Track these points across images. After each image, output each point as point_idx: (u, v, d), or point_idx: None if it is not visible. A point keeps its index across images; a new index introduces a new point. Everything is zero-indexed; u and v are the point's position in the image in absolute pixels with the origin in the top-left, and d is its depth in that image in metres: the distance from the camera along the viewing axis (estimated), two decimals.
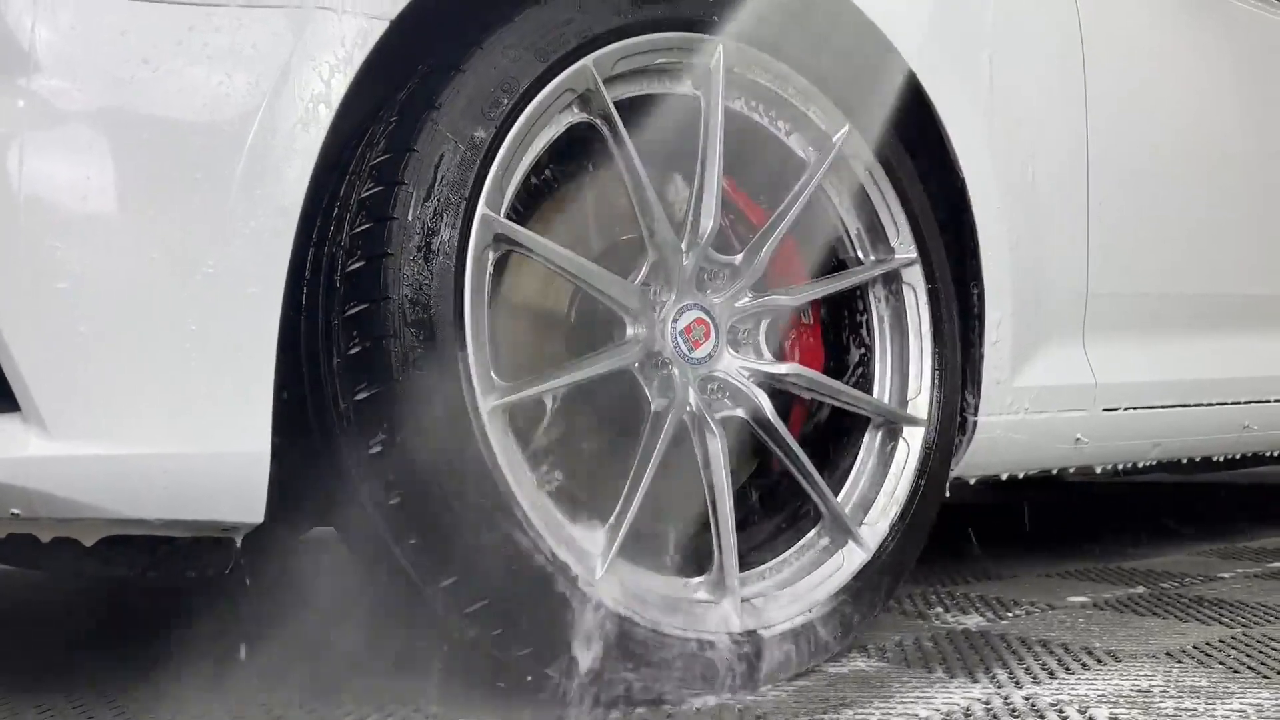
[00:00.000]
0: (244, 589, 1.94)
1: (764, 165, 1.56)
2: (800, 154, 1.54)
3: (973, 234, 1.66)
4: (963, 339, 1.67)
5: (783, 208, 1.50)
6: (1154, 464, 2.10)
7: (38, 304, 1.04)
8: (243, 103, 1.11)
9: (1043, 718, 1.25)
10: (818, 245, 1.62)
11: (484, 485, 1.20)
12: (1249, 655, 1.50)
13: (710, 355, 1.44)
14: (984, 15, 1.73)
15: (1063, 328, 1.83)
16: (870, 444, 1.60)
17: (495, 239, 1.27)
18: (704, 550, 1.42)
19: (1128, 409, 1.91)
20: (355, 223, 1.21)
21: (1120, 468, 2.04)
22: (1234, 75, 2.19)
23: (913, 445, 1.58)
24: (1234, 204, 2.17)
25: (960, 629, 1.72)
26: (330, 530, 1.50)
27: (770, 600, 1.44)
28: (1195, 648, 1.55)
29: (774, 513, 1.58)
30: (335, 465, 1.24)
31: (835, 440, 1.62)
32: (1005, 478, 1.87)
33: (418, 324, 1.18)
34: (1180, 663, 1.47)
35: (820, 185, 1.54)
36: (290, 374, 1.21)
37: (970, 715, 1.27)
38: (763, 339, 1.53)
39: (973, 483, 1.82)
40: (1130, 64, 1.97)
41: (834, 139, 1.53)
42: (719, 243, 1.47)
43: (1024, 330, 1.73)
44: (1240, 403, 2.13)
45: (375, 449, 1.18)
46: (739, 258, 1.49)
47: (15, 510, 1.06)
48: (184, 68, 1.09)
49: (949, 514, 1.74)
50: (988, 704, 1.30)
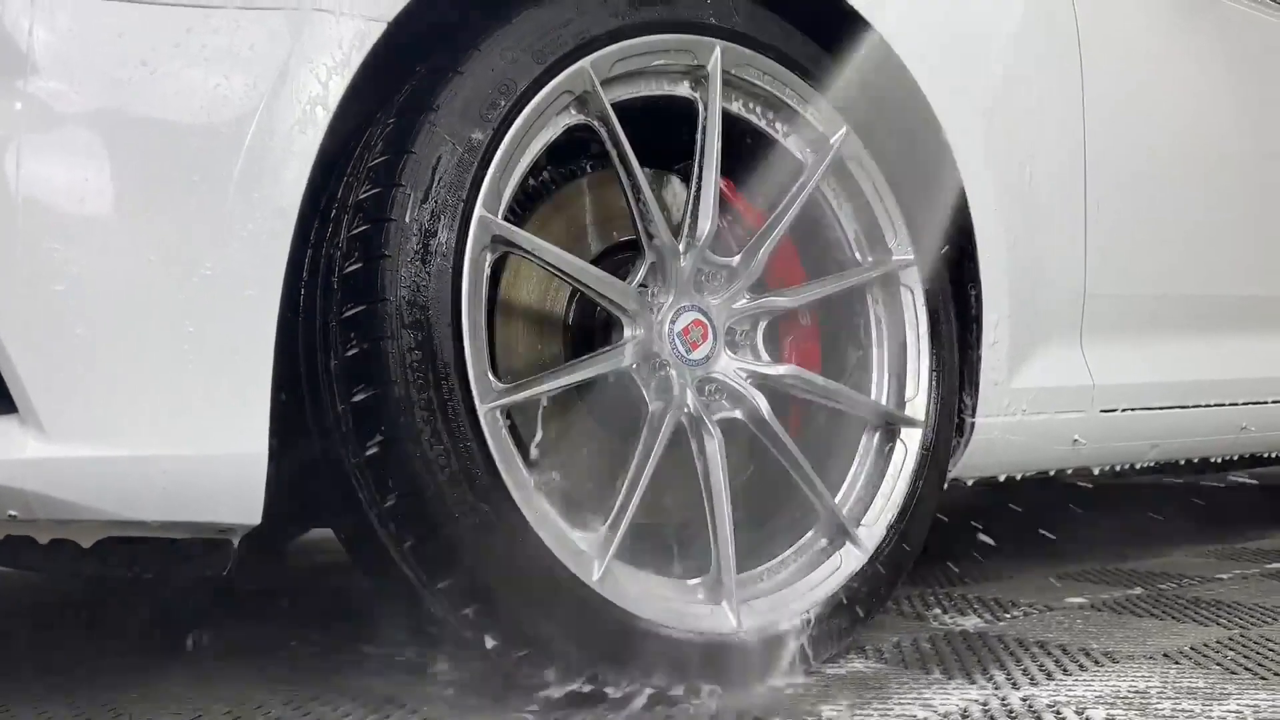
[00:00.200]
0: (241, 590, 1.93)
1: (761, 167, 1.57)
2: (798, 156, 1.54)
3: (971, 236, 1.66)
4: (960, 340, 1.67)
5: (780, 209, 1.50)
6: (1152, 465, 2.10)
7: (35, 305, 1.04)
8: (240, 105, 1.11)
9: (1040, 719, 1.25)
10: (815, 247, 1.62)
11: (481, 486, 1.20)
12: (1246, 656, 1.50)
13: (708, 357, 1.44)
14: (982, 17, 1.73)
15: (1060, 329, 1.83)
16: (868, 445, 1.60)
17: (493, 241, 1.27)
18: (702, 551, 1.42)
19: (1125, 410, 1.91)
20: (353, 224, 1.21)
21: (1118, 469, 2.04)
22: (1231, 76, 2.19)
23: (910, 446, 1.58)
24: (1231, 205, 2.17)
25: (958, 630, 1.72)
26: (328, 532, 1.50)
27: (768, 601, 1.44)
28: (1193, 649, 1.55)
29: (772, 514, 1.58)
30: (333, 467, 1.24)
31: (833, 441, 1.62)
32: (1003, 479, 1.87)
33: (415, 325, 1.18)
34: (1177, 664, 1.47)
35: (818, 187, 1.54)
36: (288, 375, 1.21)
37: (968, 716, 1.27)
38: (760, 340, 1.53)
39: (970, 484, 1.83)
40: (1127, 65, 1.97)
41: (831, 141, 1.53)
42: (717, 244, 1.47)
43: (1021, 331, 1.73)
44: (1238, 404, 2.13)
45: (372, 450, 1.18)
46: (737, 259, 1.49)
47: (13, 512, 1.06)
48: (182, 70, 1.09)
49: (947, 515, 1.74)
50: (985, 705, 1.30)
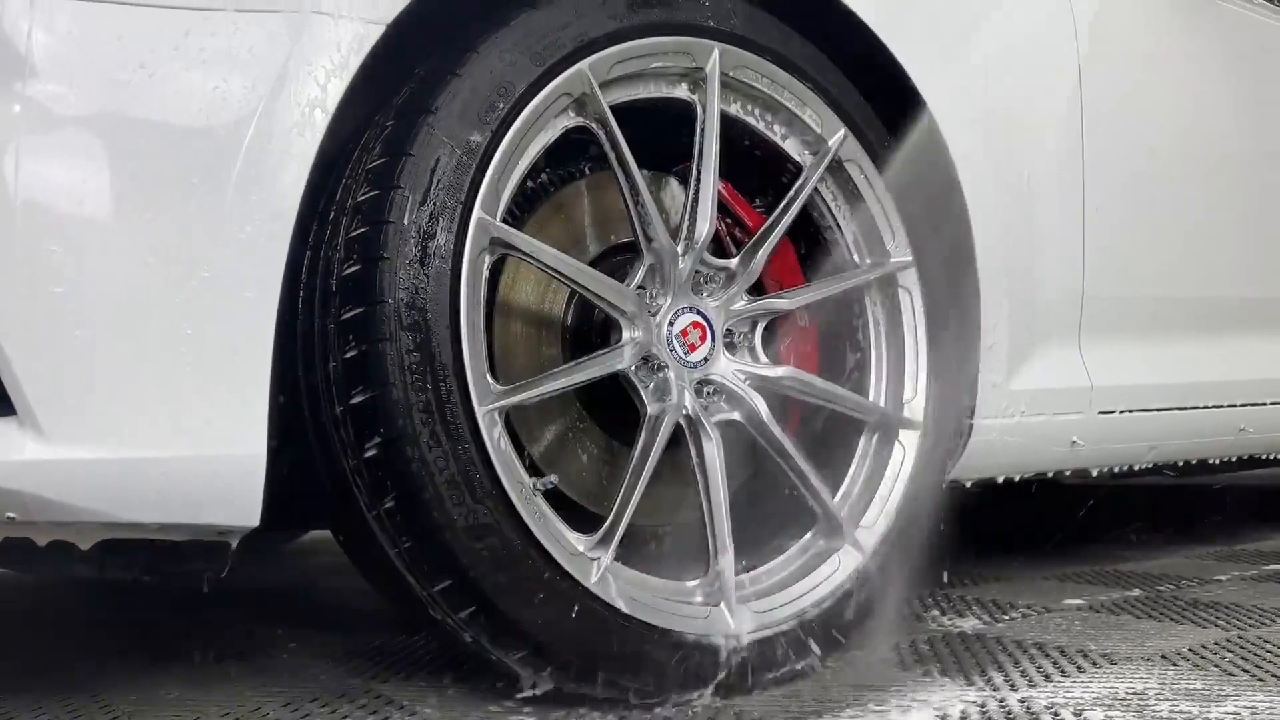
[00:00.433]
0: (240, 591, 1.93)
1: (760, 169, 1.57)
2: (796, 158, 1.54)
3: (968, 237, 1.66)
4: (958, 342, 1.67)
5: (778, 211, 1.50)
6: (1150, 466, 2.10)
7: (34, 307, 1.04)
8: (239, 107, 1.11)
9: None
10: (814, 248, 1.62)
11: (479, 488, 1.20)
12: (1244, 658, 1.50)
13: (706, 358, 1.44)
14: (980, 19, 1.73)
15: (1059, 331, 1.83)
16: (866, 447, 1.60)
17: (491, 243, 1.27)
18: (700, 552, 1.42)
19: (1124, 412, 1.91)
20: (351, 227, 1.21)
21: (1116, 470, 2.04)
22: (1229, 78, 2.19)
23: (908, 448, 1.58)
24: (1230, 206, 2.17)
25: (956, 631, 1.72)
26: (326, 533, 1.50)
27: (766, 602, 1.44)
28: (1191, 650, 1.55)
29: (770, 515, 1.58)
30: (331, 469, 1.24)
31: (831, 443, 1.62)
32: (1001, 480, 1.87)
33: (413, 327, 1.18)
34: (1175, 665, 1.47)
35: (816, 189, 1.54)
36: (286, 377, 1.21)
37: (966, 718, 1.27)
38: (759, 342, 1.53)
39: (969, 485, 1.83)
40: (1125, 67, 1.97)
41: (830, 143, 1.53)
42: (715, 246, 1.47)
43: (1020, 333, 1.73)
44: (1236, 405, 2.13)
45: (371, 452, 1.18)
46: (735, 261, 1.49)
47: (11, 514, 1.07)
48: (180, 72, 1.09)
49: (946, 516, 1.74)
50: (983, 707, 1.31)
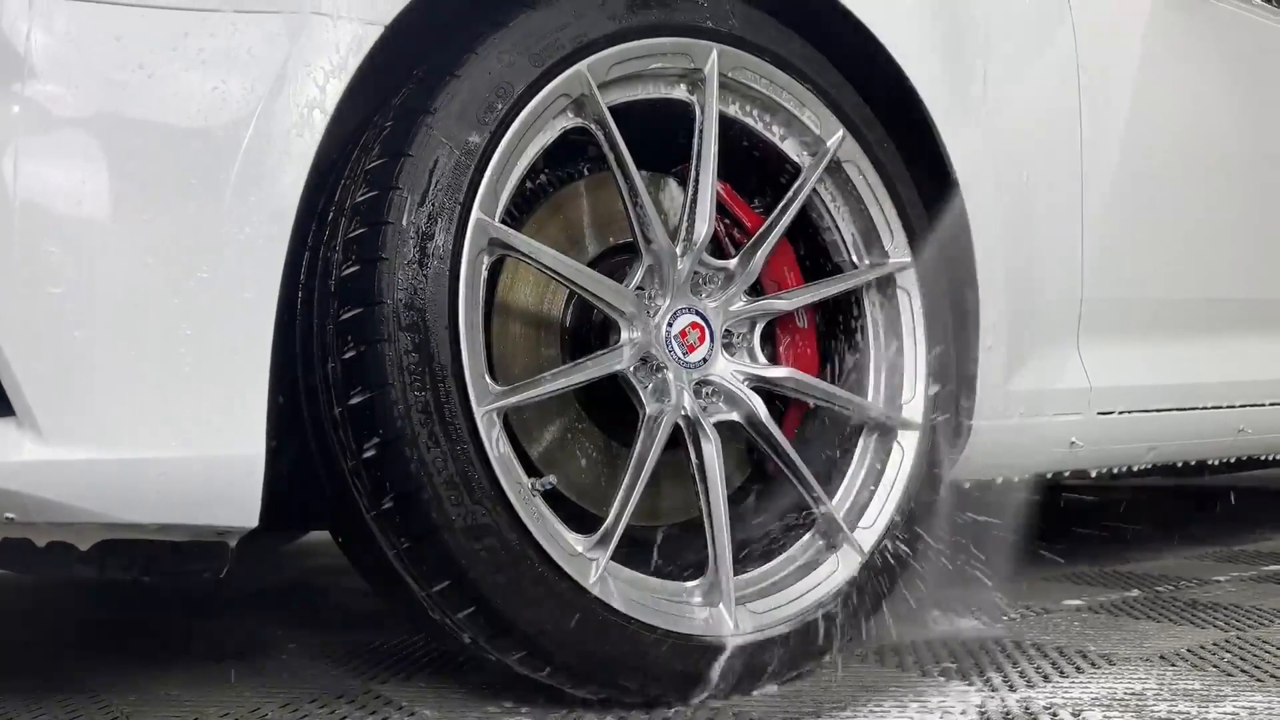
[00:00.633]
0: (239, 592, 1.93)
1: (758, 170, 1.57)
2: (794, 158, 1.54)
3: (967, 238, 1.66)
4: (957, 343, 1.67)
5: (777, 212, 1.50)
6: (1149, 467, 2.10)
7: (33, 308, 1.04)
8: (238, 108, 1.11)
9: None
10: (813, 249, 1.62)
11: (478, 489, 1.20)
12: (1243, 658, 1.50)
13: (705, 359, 1.44)
14: (979, 21, 1.73)
15: (1057, 332, 1.83)
16: (865, 448, 1.60)
17: (490, 244, 1.27)
18: (699, 553, 1.42)
19: (1123, 413, 1.91)
20: (350, 227, 1.21)
21: (1115, 471, 2.04)
22: (1228, 78, 2.20)
23: (907, 449, 1.58)
24: (1229, 207, 2.17)
25: (955, 632, 1.72)
26: (325, 534, 1.50)
27: (765, 603, 1.44)
28: (1189, 651, 1.55)
29: (769, 516, 1.58)
30: (330, 469, 1.24)
31: (830, 444, 1.62)
32: (1000, 481, 1.87)
33: (412, 328, 1.19)
34: (1174, 666, 1.47)
35: (815, 190, 1.55)
36: (285, 378, 1.21)
37: (965, 718, 1.27)
38: (757, 343, 1.53)
39: (967, 486, 1.83)
40: (1124, 68, 1.97)
41: (828, 144, 1.53)
42: (714, 247, 1.47)
43: (1018, 334, 1.73)
44: (1235, 406, 2.13)
45: (369, 453, 1.18)
46: (734, 262, 1.49)
47: (10, 515, 1.07)
48: (179, 73, 1.10)
49: (944, 516, 1.74)
50: (982, 707, 1.31)
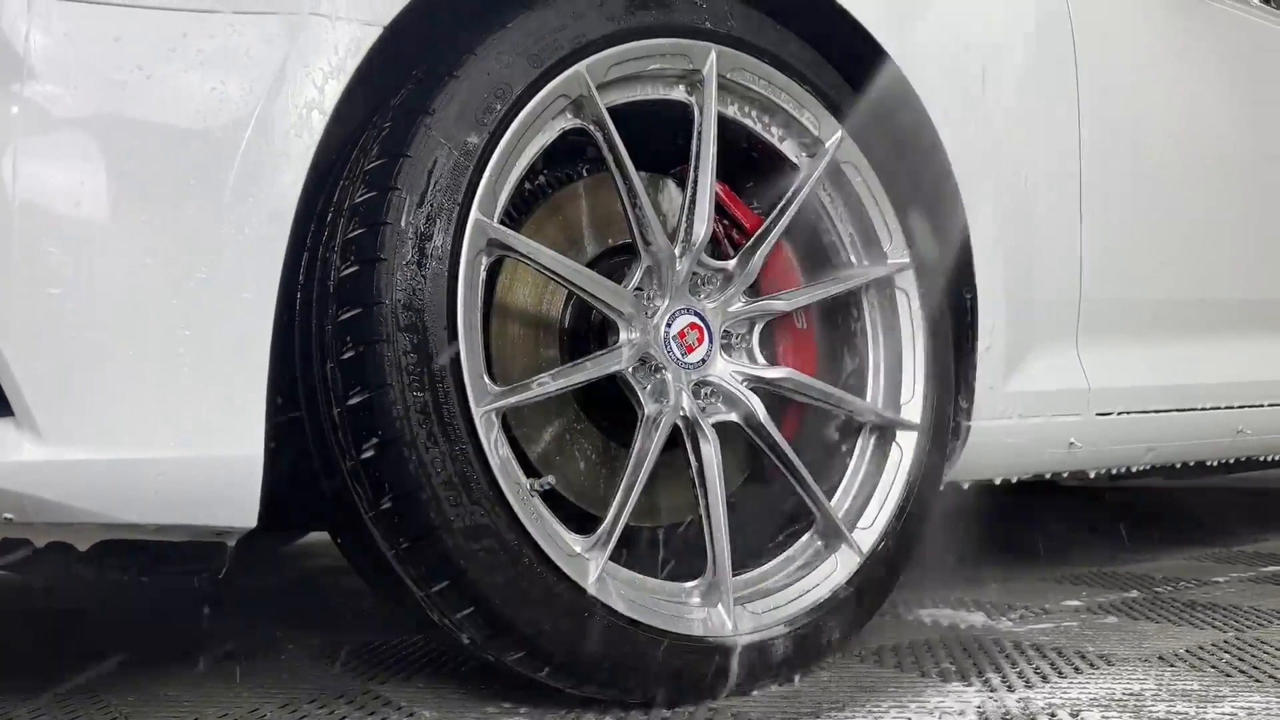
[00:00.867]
0: (237, 592, 1.94)
1: (757, 171, 1.57)
2: (793, 159, 1.55)
3: (966, 239, 1.66)
4: (956, 344, 1.67)
5: (776, 213, 1.50)
6: (1148, 468, 2.11)
7: (31, 308, 1.04)
8: (236, 109, 1.11)
9: None
10: (811, 250, 1.62)
11: (476, 489, 1.20)
12: (1241, 659, 1.50)
13: (703, 360, 1.45)
14: (978, 23, 1.73)
15: (1056, 332, 1.83)
16: (864, 448, 1.60)
17: (488, 244, 1.28)
18: (698, 554, 1.42)
19: (1121, 413, 1.92)
20: (349, 228, 1.21)
21: (1114, 472, 2.05)
22: (1227, 79, 2.20)
23: (906, 450, 1.58)
24: (1228, 207, 2.17)
25: (954, 632, 1.72)
26: (324, 535, 1.50)
27: (764, 604, 1.44)
28: (1188, 651, 1.55)
29: (768, 517, 1.58)
30: (329, 470, 1.24)
31: (829, 444, 1.62)
32: (999, 482, 1.87)
33: (410, 329, 1.19)
34: (1173, 666, 1.47)
35: (814, 190, 1.55)
36: (284, 378, 1.21)
37: (963, 718, 1.27)
38: (756, 344, 1.53)
39: (966, 487, 1.83)
40: (1123, 69, 1.97)
41: (827, 145, 1.53)
42: (712, 248, 1.47)
43: (1017, 335, 1.74)
44: (1234, 407, 2.13)
45: (368, 453, 1.18)
46: (732, 263, 1.49)
47: (9, 515, 1.07)
48: (178, 74, 1.10)
49: (943, 517, 1.74)
50: (981, 708, 1.31)
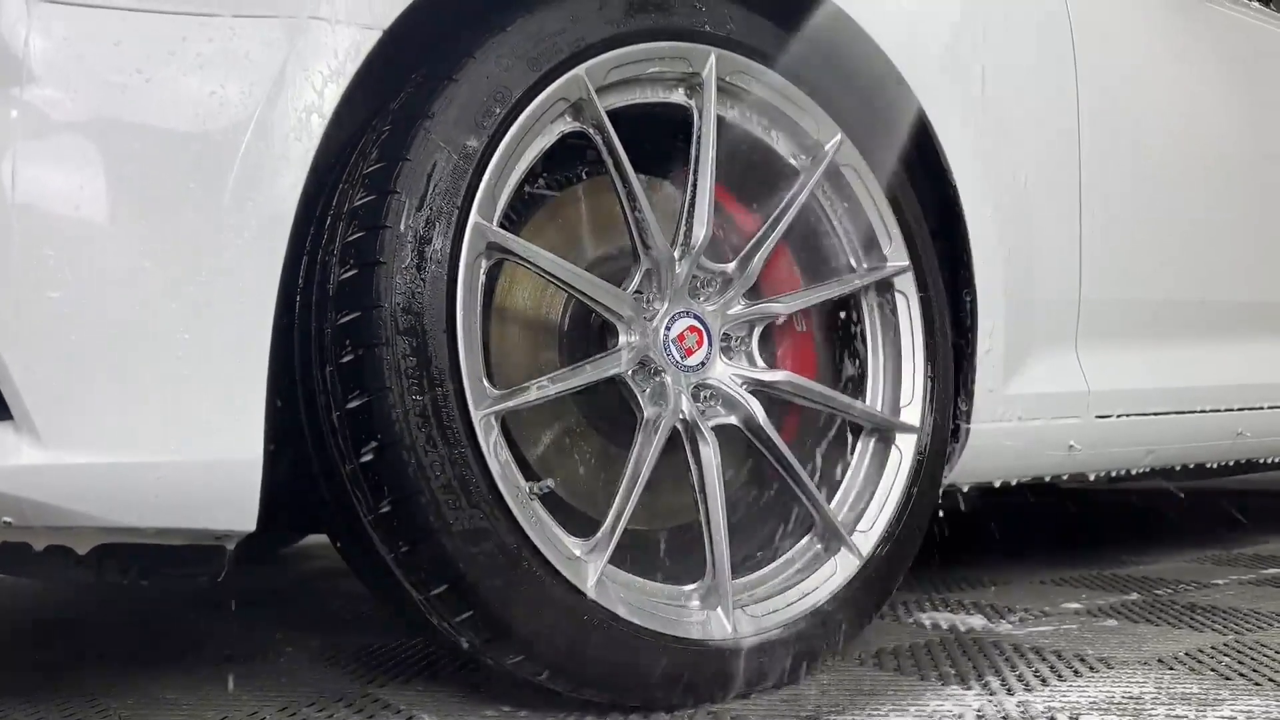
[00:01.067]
0: (237, 595, 1.94)
1: (757, 174, 1.57)
2: (793, 162, 1.55)
3: (965, 242, 1.66)
4: (955, 347, 1.67)
5: (775, 216, 1.50)
6: (1148, 470, 2.11)
7: (31, 312, 1.04)
8: (236, 112, 1.11)
9: None
10: (811, 253, 1.62)
11: (475, 493, 1.20)
12: (1241, 662, 1.50)
13: (703, 363, 1.45)
14: (977, 25, 1.73)
15: (1056, 335, 1.83)
16: (863, 451, 1.60)
17: (488, 248, 1.28)
18: (697, 557, 1.42)
19: (1121, 416, 1.92)
20: (348, 231, 1.21)
21: (1114, 474, 2.05)
22: (1226, 81, 2.20)
23: (905, 452, 1.58)
24: (1227, 209, 2.17)
25: (953, 635, 1.72)
26: (323, 537, 1.50)
27: (763, 606, 1.44)
28: (1188, 654, 1.55)
29: (767, 519, 1.58)
30: (328, 473, 1.24)
31: (828, 447, 1.62)
32: (999, 484, 1.87)
33: (410, 332, 1.19)
34: (1172, 669, 1.47)
35: (813, 193, 1.55)
36: (283, 382, 1.21)
37: None
38: (756, 346, 1.53)
39: (966, 489, 1.83)
40: (1122, 71, 1.97)
41: (826, 148, 1.53)
42: (712, 251, 1.47)
43: (1016, 338, 1.74)
44: (1234, 409, 2.13)
45: (367, 457, 1.18)
46: (732, 266, 1.49)
47: (8, 519, 1.07)
48: (177, 77, 1.10)
49: (943, 519, 1.74)
50: (980, 711, 1.31)
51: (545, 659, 1.27)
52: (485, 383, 1.26)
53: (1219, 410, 2.10)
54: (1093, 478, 2.03)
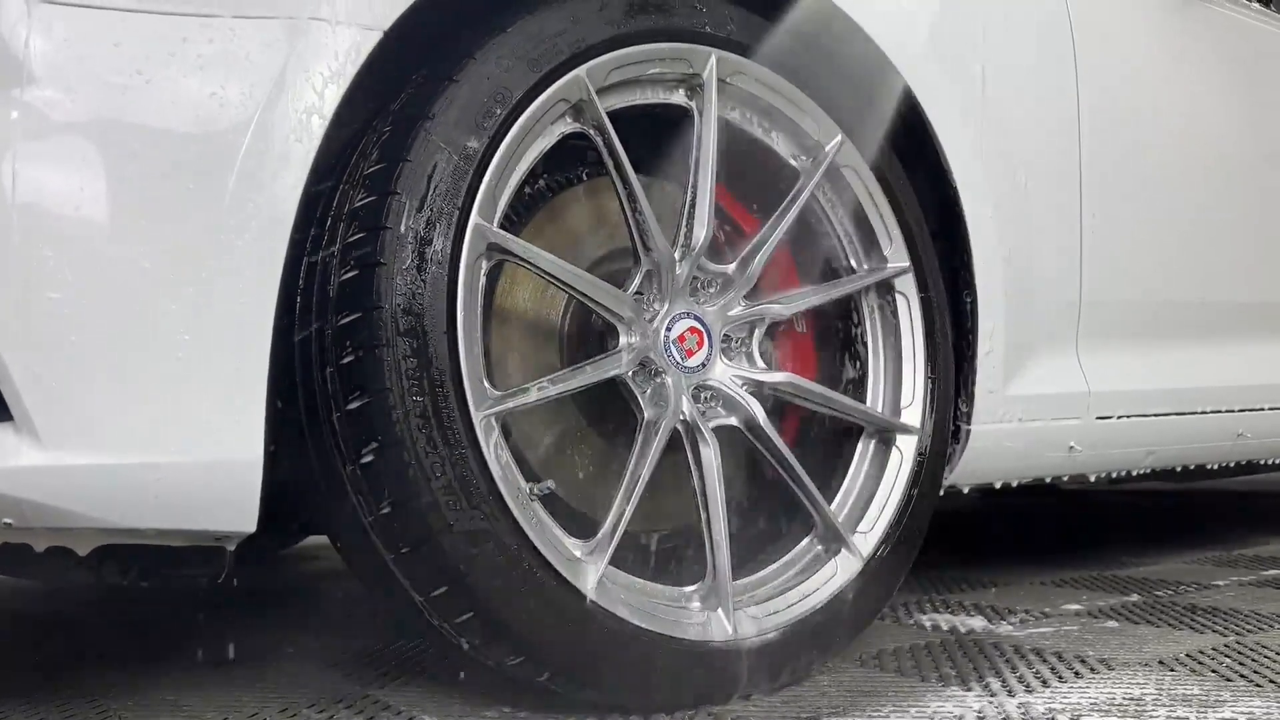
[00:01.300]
0: (237, 596, 1.94)
1: (757, 175, 1.57)
2: (793, 163, 1.55)
3: (965, 243, 1.66)
4: (955, 348, 1.67)
5: (775, 217, 1.50)
6: (1148, 472, 2.11)
7: (31, 313, 1.04)
8: (236, 113, 1.11)
9: None
10: (811, 254, 1.62)
11: (476, 494, 1.20)
12: (1241, 663, 1.50)
13: (703, 364, 1.45)
14: (977, 26, 1.73)
15: (1056, 336, 1.83)
16: (864, 452, 1.60)
17: (488, 248, 1.28)
18: (698, 558, 1.42)
19: (1121, 417, 1.91)
20: (348, 232, 1.21)
21: (1114, 475, 2.05)
22: (1227, 81, 2.20)
23: (906, 454, 1.58)
24: (1228, 210, 2.17)
25: (954, 636, 1.72)
26: (323, 538, 1.50)
27: (764, 608, 1.44)
28: (1188, 656, 1.55)
29: (768, 521, 1.58)
30: (328, 474, 1.24)
31: (829, 449, 1.62)
32: (999, 485, 1.87)
33: (410, 333, 1.19)
34: (1173, 671, 1.47)
35: (814, 195, 1.55)
36: (283, 383, 1.21)
37: None
38: (756, 347, 1.53)
39: (966, 491, 1.83)
40: (1123, 72, 1.97)
41: (827, 149, 1.53)
42: (712, 252, 1.47)
43: (1017, 339, 1.74)
44: (1234, 410, 2.13)
45: (367, 458, 1.18)
46: (732, 267, 1.49)
47: (9, 520, 1.07)
48: (177, 79, 1.10)
49: (944, 521, 1.74)
50: (981, 713, 1.31)
51: (545, 660, 1.27)
52: (486, 384, 1.26)
53: (1219, 411, 2.10)
54: (1093, 479, 2.03)
